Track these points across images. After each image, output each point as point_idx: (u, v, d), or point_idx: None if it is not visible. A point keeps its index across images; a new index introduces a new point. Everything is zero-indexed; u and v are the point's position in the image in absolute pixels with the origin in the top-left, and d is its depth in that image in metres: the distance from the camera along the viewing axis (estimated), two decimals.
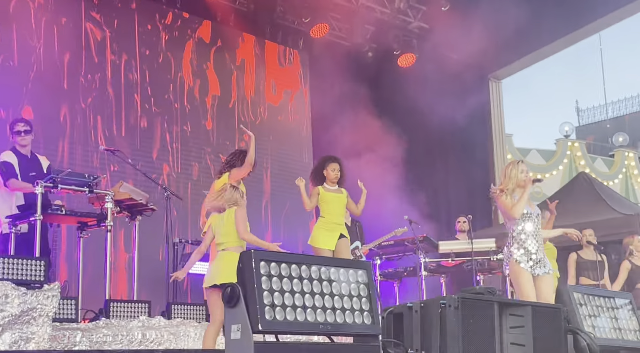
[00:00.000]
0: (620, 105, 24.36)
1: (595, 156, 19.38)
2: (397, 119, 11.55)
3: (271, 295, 3.01)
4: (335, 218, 6.98)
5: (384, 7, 11.34)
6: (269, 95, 11.39)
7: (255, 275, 2.95)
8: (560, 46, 12.55)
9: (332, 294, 3.17)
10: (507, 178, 5.64)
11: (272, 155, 11.25)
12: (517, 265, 5.39)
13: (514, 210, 5.47)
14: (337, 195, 7.02)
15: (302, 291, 3.09)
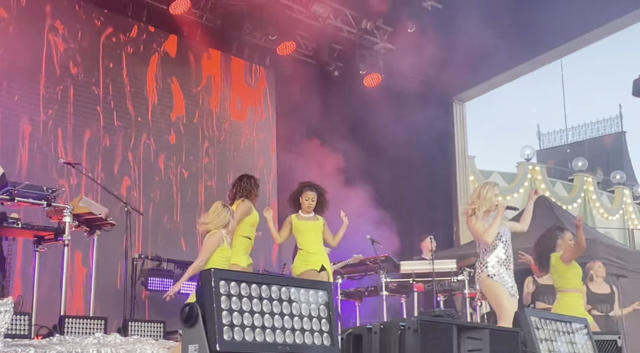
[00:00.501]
0: (580, 131, 24.89)
1: (555, 180, 19.70)
2: (362, 138, 11.61)
3: (230, 314, 2.97)
4: (312, 248, 6.56)
5: (351, 27, 11.42)
6: (234, 112, 11.35)
7: (214, 295, 2.91)
8: (523, 71, 12.78)
9: (292, 315, 3.14)
10: (481, 199, 5.67)
11: (236, 173, 11.17)
12: (492, 280, 5.44)
13: (487, 235, 5.53)
14: (312, 223, 6.63)
15: (262, 311, 3.06)
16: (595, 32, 11.43)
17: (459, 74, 11.93)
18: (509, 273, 5.62)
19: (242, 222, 6.46)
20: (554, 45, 11.78)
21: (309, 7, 10.79)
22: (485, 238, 5.54)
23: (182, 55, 10.74)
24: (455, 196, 12.97)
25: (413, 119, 11.90)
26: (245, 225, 6.50)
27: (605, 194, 20.52)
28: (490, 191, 5.72)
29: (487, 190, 5.74)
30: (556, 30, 11.22)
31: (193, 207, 10.41)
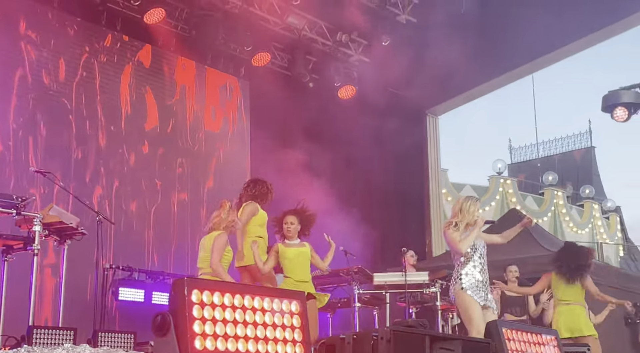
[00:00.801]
0: (551, 145, 25.22)
1: (526, 193, 19.92)
2: (336, 150, 11.63)
3: (203, 324, 2.95)
4: (300, 276, 6.33)
5: (326, 39, 11.48)
6: (209, 122, 11.32)
7: (187, 304, 2.89)
8: (495, 85, 12.95)
9: (265, 324, 3.14)
10: (463, 213, 5.71)
11: (209, 184, 11.13)
12: (464, 293, 5.47)
13: (462, 245, 5.57)
14: (300, 250, 6.39)
15: (235, 320, 3.05)
16: (566, 48, 11.64)
17: (432, 88, 12.04)
18: (483, 286, 5.65)
19: (250, 224, 6.51)
20: (526, 61, 11.97)
21: (284, 19, 10.84)
22: (460, 247, 5.58)
23: (156, 65, 10.69)
24: (428, 208, 13.05)
25: (387, 131, 11.98)
26: (254, 226, 6.56)
27: (575, 208, 20.79)
28: (472, 205, 5.78)
29: (470, 204, 5.79)
30: (528, 47, 11.40)
31: (166, 218, 10.34)
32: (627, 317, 10.43)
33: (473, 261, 5.63)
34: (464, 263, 5.63)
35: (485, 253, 5.79)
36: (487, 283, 5.73)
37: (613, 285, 10.20)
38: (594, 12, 10.52)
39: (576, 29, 10.97)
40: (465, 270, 5.60)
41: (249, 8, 10.35)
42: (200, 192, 10.93)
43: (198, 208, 10.81)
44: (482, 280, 5.63)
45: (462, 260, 5.64)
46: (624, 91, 9.34)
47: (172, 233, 10.37)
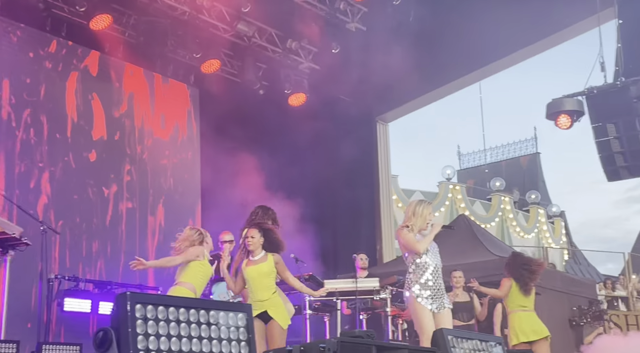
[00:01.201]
0: (498, 152, 25.69)
1: (475, 199, 20.23)
2: (287, 157, 11.63)
3: (146, 339, 2.90)
4: (258, 296, 5.98)
5: (276, 47, 11.48)
6: (157, 129, 11.19)
7: (129, 319, 2.84)
8: (444, 92, 13.13)
9: (211, 338, 3.10)
10: (416, 217, 5.70)
11: (158, 192, 11.00)
12: (416, 301, 5.48)
13: (420, 245, 5.55)
14: (259, 268, 6.04)
15: (179, 335, 3.00)
16: (511, 56, 11.88)
17: (382, 95, 12.16)
18: (437, 291, 5.68)
19: None
20: (472, 69, 12.17)
21: (234, 26, 10.79)
22: (418, 248, 5.56)
23: (103, 71, 10.53)
24: (379, 214, 13.14)
25: (337, 138, 12.04)
26: None
27: (521, 213, 21.21)
28: (425, 209, 5.78)
29: (423, 208, 5.78)
30: (474, 55, 11.60)
31: (114, 226, 10.18)
32: (571, 320, 10.67)
33: (428, 267, 5.63)
34: (418, 270, 5.63)
35: (439, 257, 5.82)
36: (441, 289, 5.74)
37: (558, 288, 10.43)
38: (538, 21, 10.77)
39: (521, 38, 11.21)
40: (420, 278, 5.60)
41: (198, 15, 10.28)
42: (149, 200, 10.79)
43: (146, 217, 10.67)
44: (436, 287, 5.64)
45: (416, 264, 5.63)
46: (567, 99, 9.60)
47: (120, 241, 10.21)
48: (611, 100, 9.28)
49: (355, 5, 11.29)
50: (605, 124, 9.45)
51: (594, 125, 9.53)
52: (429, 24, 11.28)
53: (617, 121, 9.38)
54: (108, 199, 10.23)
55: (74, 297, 8.51)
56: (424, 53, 11.65)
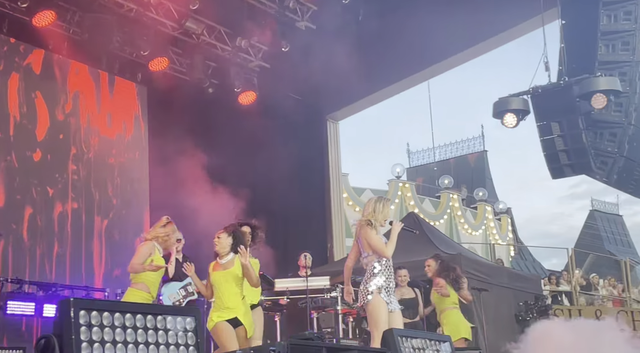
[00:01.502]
0: (446, 150, 26.02)
1: (424, 197, 20.43)
2: (237, 156, 11.55)
3: (90, 346, 2.84)
4: (226, 302, 5.66)
5: (225, 45, 11.38)
6: (104, 128, 10.98)
7: (73, 326, 2.77)
8: (394, 91, 13.23)
9: (158, 343, 3.05)
10: (376, 214, 5.74)
11: (105, 192, 10.80)
12: (378, 297, 5.51)
13: (388, 250, 5.61)
14: (225, 273, 5.71)
15: (125, 341, 2.95)
16: (459, 55, 12.04)
17: (332, 93, 12.17)
18: (392, 292, 5.76)
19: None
20: (421, 68, 12.30)
21: (182, 23, 10.66)
22: (387, 253, 5.63)
23: (47, 69, 10.27)
24: (329, 213, 13.17)
25: (288, 136, 12.01)
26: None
27: (469, 210, 21.52)
28: (385, 206, 5.83)
29: (383, 204, 5.83)
30: (423, 54, 11.72)
31: (59, 227, 9.96)
32: (518, 315, 10.86)
33: (387, 267, 5.70)
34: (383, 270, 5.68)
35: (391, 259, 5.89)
36: (393, 289, 5.83)
37: (504, 284, 10.61)
38: (484, 21, 10.93)
39: (467, 38, 11.37)
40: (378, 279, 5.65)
41: (145, 12, 10.12)
42: (96, 200, 10.59)
43: (93, 217, 10.47)
44: (392, 287, 5.72)
45: (381, 264, 5.67)
46: (513, 98, 9.78)
47: (65, 242, 9.99)
48: (555, 100, 9.49)
49: (305, 4, 11.28)
50: (550, 122, 9.66)
51: (538, 124, 9.74)
52: (378, 23, 11.34)
53: (561, 120, 9.60)
54: (53, 199, 10.00)
55: (17, 300, 8.31)
56: (373, 52, 11.71)
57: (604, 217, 29.27)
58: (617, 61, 9.35)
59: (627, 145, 9.43)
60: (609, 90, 8.95)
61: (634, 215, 55.06)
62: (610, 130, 9.51)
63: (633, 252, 27.46)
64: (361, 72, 11.25)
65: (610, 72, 9.21)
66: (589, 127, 9.52)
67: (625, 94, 9.18)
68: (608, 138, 9.52)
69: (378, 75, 12.11)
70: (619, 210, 30.49)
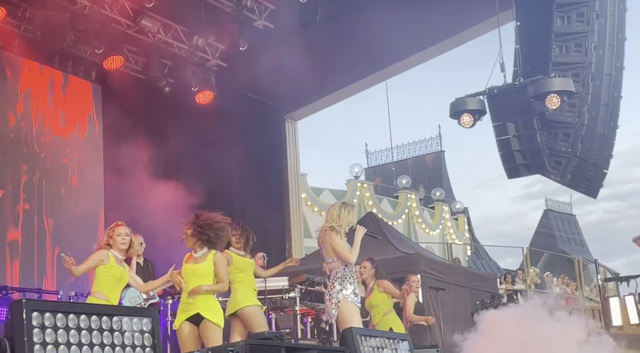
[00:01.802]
0: (404, 150, 26.19)
1: (382, 197, 20.55)
2: (194, 156, 11.42)
3: (43, 348, 2.76)
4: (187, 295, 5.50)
5: (182, 43, 11.25)
6: (57, 127, 10.74)
7: (25, 327, 2.69)
8: (352, 91, 13.28)
9: (114, 345, 2.98)
10: (341, 220, 5.80)
11: (58, 192, 10.56)
12: (348, 301, 5.56)
13: (352, 256, 5.68)
14: (192, 267, 5.54)
15: (80, 343, 2.87)
16: (416, 56, 12.15)
17: (290, 93, 12.14)
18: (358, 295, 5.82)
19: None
20: (379, 68, 12.37)
21: (138, 21, 10.50)
22: (351, 259, 5.71)
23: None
24: (288, 213, 13.15)
25: (246, 136, 11.94)
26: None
27: (427, 210, 21.71)
28: (350, 212, 5.90)
29: (348, 211, 5.91)
30: (381, 54, 11.78)
31: (11, 228, 9.70)
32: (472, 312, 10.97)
33: (352, 272, 5.78)
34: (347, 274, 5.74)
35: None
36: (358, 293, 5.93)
37: (461, 283, 10.72)
38: (441, 22, 11.05)
39: (425, 38, 11.48)
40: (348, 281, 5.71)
41: (100, 9, 9.94)
42: (48, 200, 10.35)
43: (44, 218, 10.23)
44: (357, 291, 5.83)
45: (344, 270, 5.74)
46: (470, 98, 9.88)
47: (14, 244, 9.74)
48: (510, 100, 9.62)
49: (262, 3, 11.23)
50: (505, 122, 9.79)
51: (494, 124, 9.86)
52: (337, 23, 11.36)
53: (516, 120, 9.74)
54: (4, 200, 9.75)
55: None
56: (331, 52, 11.73)
57: (558, 217, 29.83)
58: (570, 62, 9.52)
59: (580, 145, 9.60)
60: (562, 90, 9.10)
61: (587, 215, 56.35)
62: (564, 131, 9.68)
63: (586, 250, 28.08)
64: (319, 71, 11.25)
65: (563, 73, 9.38)
66: (544, 127, 9.68)
67: (578, 94, 9.35)
68: (562, 138, 9.68)
69: (336, 75, 12.13)
70: (572, 210, 31.12)
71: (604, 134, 9.96)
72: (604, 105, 9.85)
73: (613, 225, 53.20)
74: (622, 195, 56.10)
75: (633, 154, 53.50)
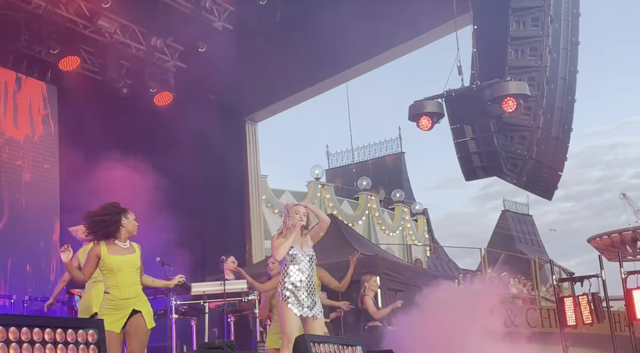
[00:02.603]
0: (365, 151, 26.32)
1: (343, 198, 20.59)
2: (153, 158, 11.29)
3: None
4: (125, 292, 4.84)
5: (140, 44, 11.13)
6: (10, 129, 10.52)
7: None
8: (312, 93, 13.25)
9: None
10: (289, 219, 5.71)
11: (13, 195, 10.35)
12: (284, 304, 5.36)
13: (278, 252, 5.49)
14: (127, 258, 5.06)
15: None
16: (377, 58, 12.18)
17: (250, 95, 12.10)
18: (307, 295, 5.57)
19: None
20: (339, 70, 12.37)
21: (94, 22, 10.36)
22: (276, 254, 5.53)
23: None
24: (248, 215, 13.08)
25: (206, 138, 11.84)
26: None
27: (387, 212, 21.81)
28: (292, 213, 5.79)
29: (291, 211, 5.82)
30: (341, 56, 11.79)
31: None
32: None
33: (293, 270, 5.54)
34: (284, 273, 5.55)
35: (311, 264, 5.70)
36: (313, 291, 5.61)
37: (419, 284, 10.79)
38: (399, 25, 11.09)
39: (383, 41, 11.52)
40: (286, 279, 5.51)
41: (55, 9, 9.78)
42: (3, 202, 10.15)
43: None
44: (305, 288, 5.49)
45: (284, 269, 5.57)
46: (428, 101, 9.93)
47: None
48: (468, 103, 9.68)
49: (221, 5, 11.17)
50: (463, 125, 9.85)
51: (452, 127, 9.92)
52: (296, 25, 11.34)
53: (473, 123, 9.81)
54: None
55: None
56: (291, 53, 11.71)
57: (515, 217, 30.26)
58: (526, 66, 9.64)
59: (535, 148, 9.72)
60: (518, 94, 9.20)
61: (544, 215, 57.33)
62: (520, 133, 9.79)
63: (542, 251, 28.55)
64: (280, 73, 11.23)
65: (519, 77, 9.49)
66: (500, 130, 9.77)
67: (533, 98, 9.46)
68: (518, 141, 9.79)
69: (297, 76, 12.11)
70: (529, 210, 31.60)
71: (558, 137, 10.11)
72: (558, 109, 9.99)
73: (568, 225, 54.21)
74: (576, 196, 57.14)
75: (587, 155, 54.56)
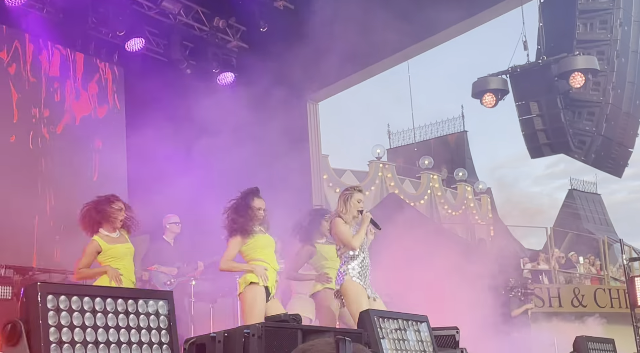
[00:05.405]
0: (427, 130, 26.04)
1: (404, 178, 20.45)
2: (217, 138, 11.41)
3: (59, 331, 2.77)
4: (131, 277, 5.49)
5: (203, 25, 11.23)
6: (79, 110, 10.80)
7: (40, 310, 2.71)
8: (374, 71, 13.14)
9: (129, 327, 3.00)
10: (345, 207, 5.81)
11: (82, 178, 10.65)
12: (352, 281, 5.56)
13: (355, 242, 5.66)
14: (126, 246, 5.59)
15: (95, 325, 2.89)
16: (438, 35, 11.96)
17: (311, 74, 12.06)
18: (367, 280, 5.79)
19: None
20: (402, 47, 12.21)
21: (159, 3, 10.50)
22: (353, 245, 5.69)
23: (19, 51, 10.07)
24: (310, 194, 13.12)
25: (267, 118, 11.90)
26: None
27: (449, 191, 21.58)
28: (350, 198, 5.87)
29: (348, 197, 5.89)
30: (404, 33, 11.63)
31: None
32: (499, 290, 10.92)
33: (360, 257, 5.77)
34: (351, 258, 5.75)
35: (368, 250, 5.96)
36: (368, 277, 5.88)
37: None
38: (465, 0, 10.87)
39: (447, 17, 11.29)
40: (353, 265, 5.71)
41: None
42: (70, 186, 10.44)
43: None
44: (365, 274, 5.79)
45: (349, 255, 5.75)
46: (492, 78, 9.76)
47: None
48: (534, 79, 9.48)
49: None
50: (529, 102, 9.65)
51: (517, 104, 9.74)
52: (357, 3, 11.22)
53: (539, 99, 9.60)
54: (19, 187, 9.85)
55: None
56: (353, 31, 11.59)
57: (583, 196, 29.49)
58: (595, 40, 9.35)
59: (604, 124, 9.46)
60: (587, 69, 8.94)
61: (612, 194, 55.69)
62: (588, 109, 9.53)
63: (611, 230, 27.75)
64: (341, 52, 11.15)
65: (588, 51, 9.21)
66: (567, 106, 9.54)
67: (602, 72, 9.19)
68: (586, 117, 9.54)
69: (359, 55, 12.01)
70: (597, 189, 30.74)
71: (629, 112, 9.79)
72: (629, 83, 9.67)
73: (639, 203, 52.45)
74: None
75: None
